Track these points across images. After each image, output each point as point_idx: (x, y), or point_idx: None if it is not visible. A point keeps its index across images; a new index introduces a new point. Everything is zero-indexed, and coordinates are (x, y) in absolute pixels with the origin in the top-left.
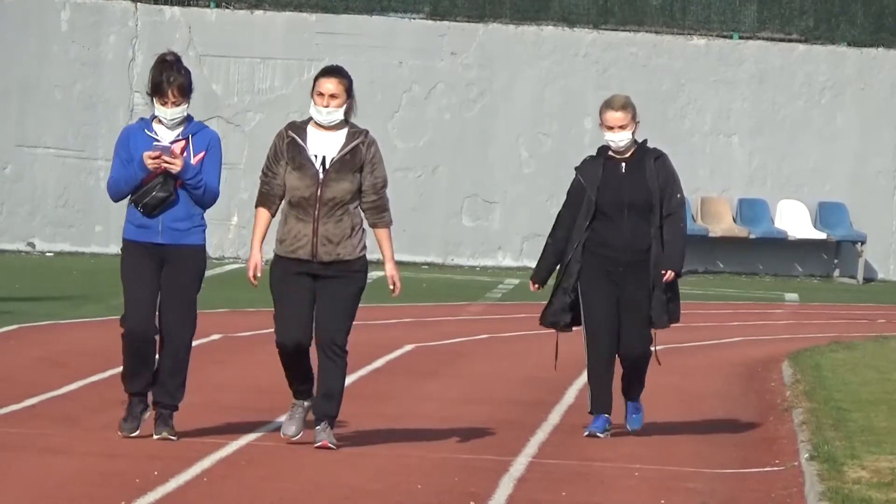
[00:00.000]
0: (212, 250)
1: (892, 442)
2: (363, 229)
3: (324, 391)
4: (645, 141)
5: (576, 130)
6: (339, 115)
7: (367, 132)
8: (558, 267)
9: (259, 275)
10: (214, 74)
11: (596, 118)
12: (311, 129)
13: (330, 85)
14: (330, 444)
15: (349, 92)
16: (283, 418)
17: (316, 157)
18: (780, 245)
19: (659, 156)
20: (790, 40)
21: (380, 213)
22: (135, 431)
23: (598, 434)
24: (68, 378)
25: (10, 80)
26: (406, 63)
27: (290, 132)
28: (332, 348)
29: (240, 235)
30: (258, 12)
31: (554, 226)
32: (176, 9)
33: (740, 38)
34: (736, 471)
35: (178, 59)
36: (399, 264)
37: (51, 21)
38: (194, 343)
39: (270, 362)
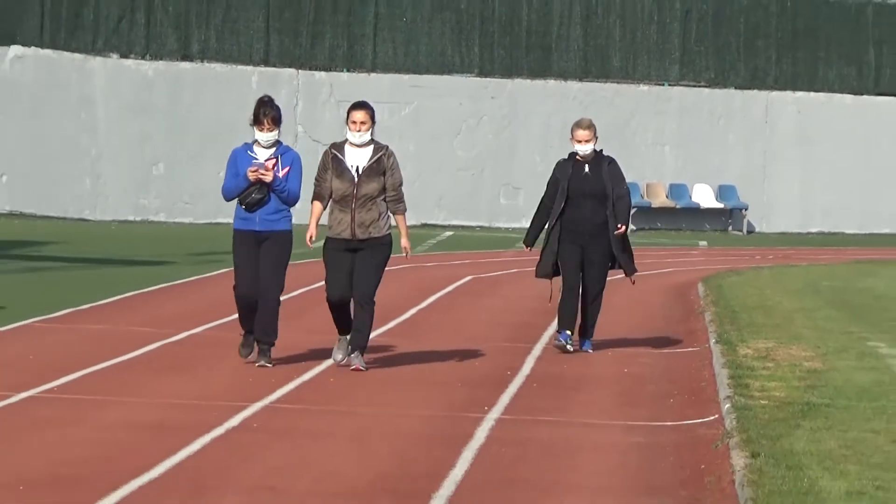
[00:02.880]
0: None
1: (766, 332)
2: (388, 215)
3: (357, 329)
4: (601, 150)
5: (568, 145)
6: (367, 136)
7: (387, 147)
8: (543, 233)
9: (314, 238)
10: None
11: None
12: (347, 147)
13: (359, 115)
14: (360, 367)
15: (373, 119)
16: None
17: (352, 166)
18: (695, 212)
19: (611, 161)
20: (699, 86)
21: (397, 204)
22: (249, 355)
23: (563, 341)
24: None
25: (220, 124)
26: (464, 104)
27: (333, 150)
28: (364, 299)
29: None
30: (374, 74)
31: (539, 206)
32: (322, 73)
33: (669, 85)
34: (671, 350)
35: (271, 100)
36: (461, 227)
37: (245, 83)
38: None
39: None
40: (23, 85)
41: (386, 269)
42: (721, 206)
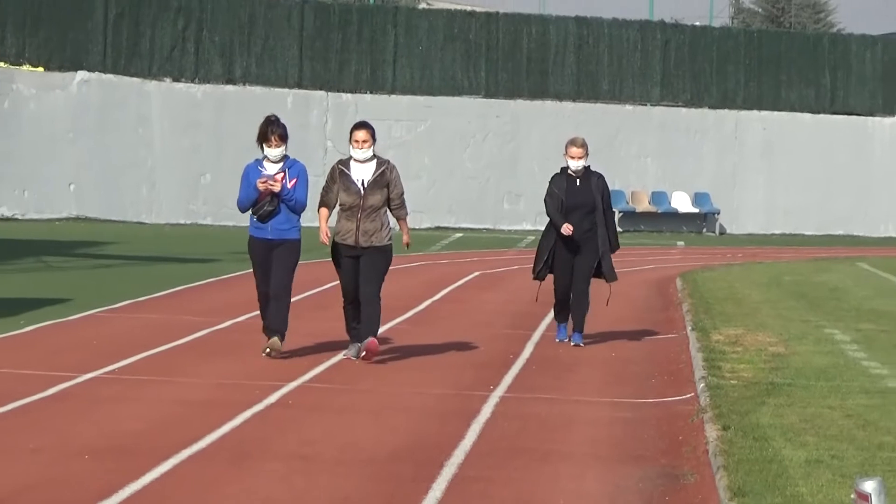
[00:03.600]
0: None
1: (735, 320)
2: (388, 226)
3: (367, 321)
4: (589, 166)
5: (562, 158)
6: (370, 152)
7: (389, 161)
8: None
9: (328, 235)
10: None
11: None
12: (352, 163)
13: (361, 134)
14: (363, 353)
15: (373, 137)
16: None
17: (357, 180)
18: (673, 216)
19: (599, 176)
20: (678, 106)
21: (400, 210)
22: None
23: (562, 338)
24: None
25: None
26: (472, 121)
27: (340, 166)
28: (370, 298)
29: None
30: (393, 95)
31: (548, 205)
32: (349, 95)
33: (651, 105)
34: (652, 337)
35: (277, 119)
36: (469, 230)
37: (281, 103)
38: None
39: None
40: (88, 105)
41: (399, 267)
42: (696, 210)
